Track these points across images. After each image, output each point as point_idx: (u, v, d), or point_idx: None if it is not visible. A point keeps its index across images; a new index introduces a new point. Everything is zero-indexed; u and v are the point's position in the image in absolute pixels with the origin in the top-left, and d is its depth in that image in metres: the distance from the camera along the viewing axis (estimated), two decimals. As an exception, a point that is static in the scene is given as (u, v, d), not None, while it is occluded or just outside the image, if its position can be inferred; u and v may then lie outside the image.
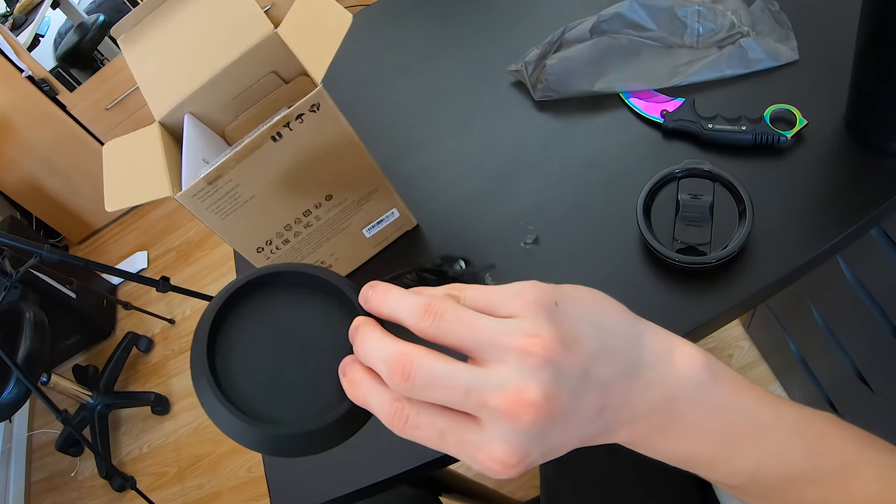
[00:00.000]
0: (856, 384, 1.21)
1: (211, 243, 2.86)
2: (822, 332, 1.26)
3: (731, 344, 1.82)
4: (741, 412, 0.41)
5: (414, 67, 1.03)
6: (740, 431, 0.41)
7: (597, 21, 0.89)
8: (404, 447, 0.65)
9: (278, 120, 0.59)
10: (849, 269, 1.07)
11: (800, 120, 0.74)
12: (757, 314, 1.65)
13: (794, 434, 0.42)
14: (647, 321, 0.43)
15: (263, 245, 0.70)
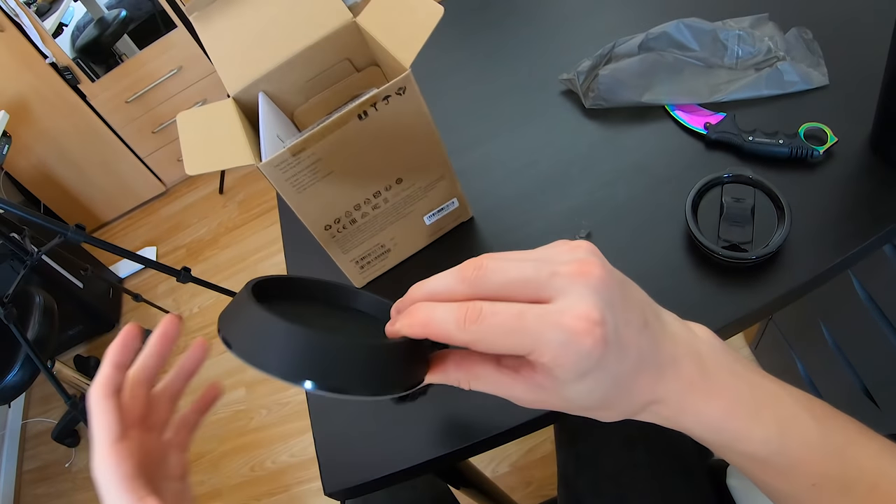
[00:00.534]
0: (863, 401, 1.26)
1: (222, 243, 2.89)
2: (832, 351, 1.31)
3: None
4: (754, 379, 0.44)
5: (473, 69, 1.08)
6: (761, 395, 0.43)
7: (645, 38, 0.94)
8: (441, 433, 0.70)
9: (367, 99, 0.63)
10: (861, 286, 1.12)
11: (830, 137, 0.80)
12: (766, 335, 1.69)
13: (801, 404, 0.44)
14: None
15: (332, 223, 0.74)
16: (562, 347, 0.36)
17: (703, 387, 0.42)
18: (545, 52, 1.06)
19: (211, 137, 0.69)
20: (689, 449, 0.93)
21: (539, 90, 1.00)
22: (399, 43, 0.66)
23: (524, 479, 1.80)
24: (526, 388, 0.41)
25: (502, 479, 1.80)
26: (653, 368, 0.41)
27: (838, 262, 0.73)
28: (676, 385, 0.41)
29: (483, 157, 0.93)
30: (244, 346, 0.39)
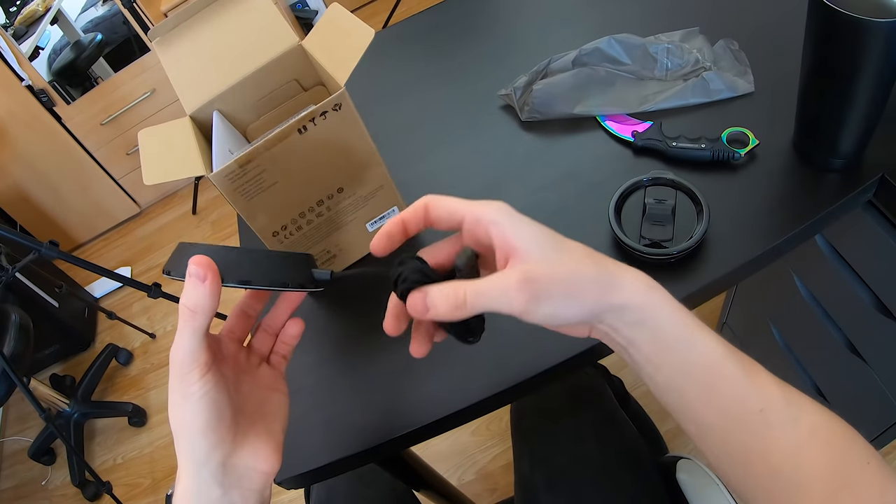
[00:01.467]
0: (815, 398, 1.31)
1: (195, 261, 2.91)
2: (783, 351, 1.36)
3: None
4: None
5: (415, 88, 1.14)
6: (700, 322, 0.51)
7: (578, 54, 1.00)
8: (386, 421, 0.74)
9: (305, 115, 0.69)
10: (803, 285, 1.18)
11: (752, 140, 0.85)
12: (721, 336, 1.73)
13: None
14: None
15: (279, 230, 0.78)
16: (495, 205, 0.53)
17: (650, 283, 0.51)
18: (485, 71, 1.12)
19: (168, 151, 0.73)
20: (640, 446, 0.97)
21: (479, 106, 1.05)
22: (336, 63, 0.72)
23: (489, 486, 1.84)
24: (516, 275, 0.48)
25: (468, 486, 1.83)
26: (587, 253, 0.51)
27: (761, 253, 0.78)
28: (628, 272, 0.50)
29: (427, 168, 0.99)
30: (175, 268, 0.52)
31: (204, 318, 0.50)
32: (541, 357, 0.75)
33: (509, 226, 0.50)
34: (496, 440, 1.89)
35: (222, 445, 0.51)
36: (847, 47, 0.68)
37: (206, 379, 0.50)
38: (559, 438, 0.96)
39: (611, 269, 0.50)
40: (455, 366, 0.77)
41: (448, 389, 0.75)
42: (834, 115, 0.77)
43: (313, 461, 0.74)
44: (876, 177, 0.82)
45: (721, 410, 0.51)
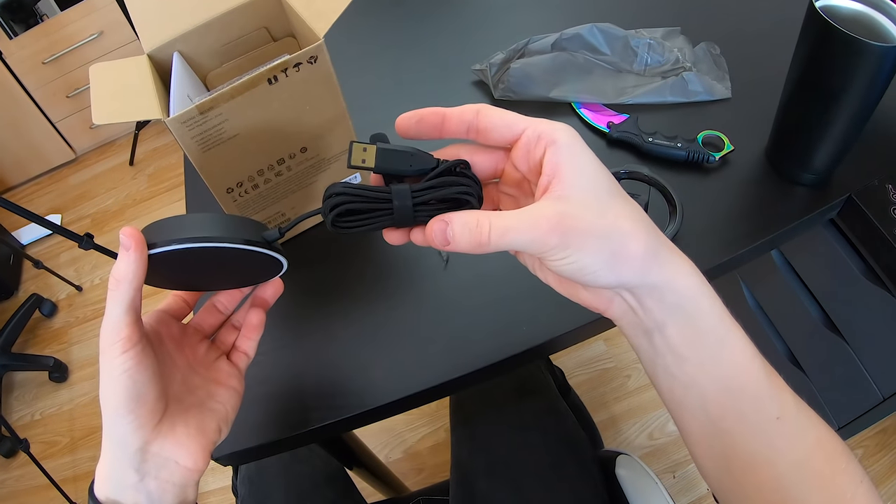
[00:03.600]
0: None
1: (128, 215, 2.82)
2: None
3: (629, 365, 1.93)
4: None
5: (386, 53, 1.09)
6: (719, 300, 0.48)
7: (559, 38, 0.97)
8: (330, 402, 0.70)
9: (277, 64, 0.64)
10: (750, 293, 1.18)
11: (727, 145, 0.84)
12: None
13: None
14: None
15: (234, 186, 0.73)
16: (547, 124, 0.45)
17: (705, 285, 0.47)
18: (459, 43, 1.08)
19: (122, 90, 0.68)
20: (581, 438, 0.97)
21: (451, 79, 1.02)
22: (315, 14, 0.67)
23: (416, 466, 1.83)
24: (547, 209, 0.43)
25: (395, 464, 1.81)
26: (634, 208, 0.45)
27: (725, 260, 0.77)
28: (667, 245, 0.46)
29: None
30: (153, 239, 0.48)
31: (128, 287, 0.47)
32: (497, 347, 0.72)
33: (568, 151, 0.44)
34: (426, 420, 1.88)
35: (142, 430, 0.48)
36: (839, 65, 0.68)
37: (128, 356, 0.47)
38: (500, 425, 0.95)
39: (661, 241, 0.46)
40: (406, 351, 0.74)
41: (397, 375, 0.72)
42: (814, 130, 0.76)
43: (253, 438, 0.70)
44: (843, 196, 0.82)
45: (739, 414, 0.47)
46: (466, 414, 0.99)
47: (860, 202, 0.81)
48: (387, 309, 0.77)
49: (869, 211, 0.81)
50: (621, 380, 1.91)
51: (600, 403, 1.87)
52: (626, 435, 1.82)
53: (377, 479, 1.24)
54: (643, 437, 1.82)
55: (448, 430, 1.83)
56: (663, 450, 1.79)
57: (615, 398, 1.89)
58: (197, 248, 0.48)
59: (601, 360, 1.96)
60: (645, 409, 1.86)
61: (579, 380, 1.91)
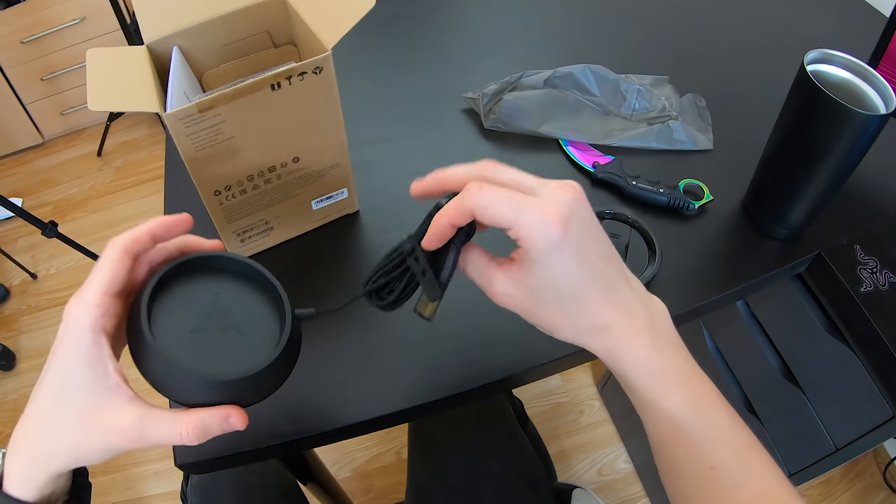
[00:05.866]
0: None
1: (91, 206, 2.77)
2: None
3: (583, 401, 1.95)
4: (689, 359, 0.54)
5: (378, 71, 1.10)
6: (690, 372, 0.53)
7: (552, 75, 0.99)
8: (295, 419, 0.69)
9: (283, 71, 0.64)
10: (711, 339, 1.21)
11: (707, 195, 0.87)
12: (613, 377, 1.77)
13: (721, 398, 0.53)
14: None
15: (222, 189, 0.73)
16: (534, 225, 0.46)
17: (648, 337, 0.51)
18: (453, 68, 1.09)
19: (119, 78, 0.67)
20: (538, 468, 0.97)
21: (441, 103, 1.03)
22: (324, 24, 0.68)
23: (364, 486, 1.82)
24: (505, 279, 0.52)
25: (343, 483, 1.79)
26: (606, 293, 0.50)
27: (696, 306, 0.79)
28: (626, 322, 0.51)
29: (378, 155, 0.95)
30: (155, 382, 0.48)
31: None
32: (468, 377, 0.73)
33: (538, 266, 0.49)
34: (376, 440, 1.87)
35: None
36: (825, 128, 0.71)
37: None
38: (460, 452, 0.95)
39: (593, 324, 0.51)
40: (377, 374, 0.73)
41: (368, 396, 0.71)
42: (793, 187, 0.79)
43: (218, 449, 0.68)
44: (813, 253, 0.85)
45: (674, 460, 0.53)
46: (426, 438, 0.99)
47: (829, 259, 0.84)
48: (359, 330, 0.76)
49: (836, 269, 0.84)
50: (574, 415, 1.93)
51: (552, 436, 1.88)
52: (575, 469, 1.84)
53: (329, 497, 1.23)
54: (592, 473, 1.84)
55: (398, 453, 1.84)
56: (612, 486, 1.81)
57: (567, 432, 1.90)
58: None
59: (556, 393, 1.97)
60: (596, 445, 1.88)
61: (533, 412, 1.92)
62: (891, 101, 0.70)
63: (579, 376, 2.01)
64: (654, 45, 1.13)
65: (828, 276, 0.86)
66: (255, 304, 0.53)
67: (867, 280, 0.83)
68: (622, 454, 1.87)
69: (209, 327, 0.50)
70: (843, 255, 0.85)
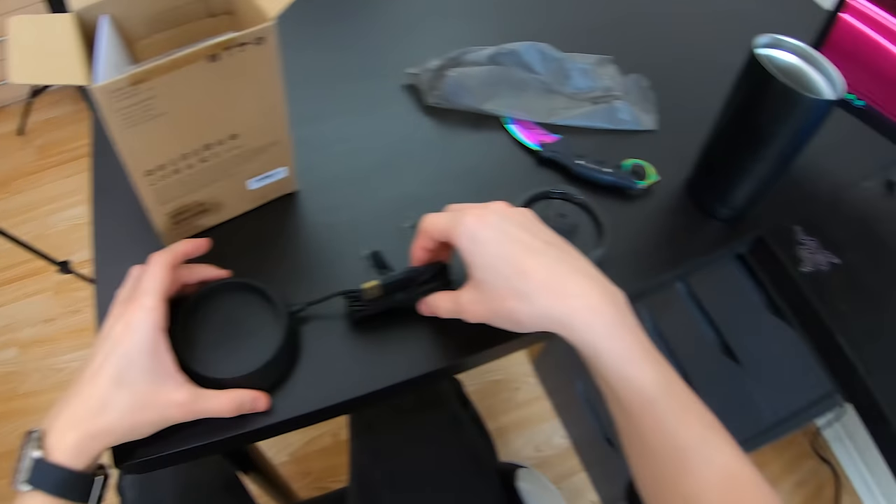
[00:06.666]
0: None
1: (14, 188, 2.63)
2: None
3: (518, 378, 1.97)
4: (647, 339, 0.58)
5: (318, 44, 1.06)
6: (651, 348, 0.57)
7: (496, 52, 0.98)
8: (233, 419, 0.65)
9: (222, 41, 0.60)
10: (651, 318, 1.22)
11: (652, 175, 0.87)
12: (548, 353, 1.80)
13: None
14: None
15: (154, 169, 0.69)
16: (460, 226, 0.59)
17: (611, 314, 0.56)
18: (395, 45, 1.07)
19: (45, 48, 0.63)
20: (481, 449, 0.97)
21: (382, 80, 1.00)
22: None
23: (302, 470, 1.80)
24: (465, 292, 0.62)
25: (281, 468, 1.77)
26: (553, 270, 0.57)
27: (639, 287, 0.79)
28: (585, 299, 0.56)
29: (318, 133, 0.91)
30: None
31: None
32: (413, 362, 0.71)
33: (468, 252, 0.60)
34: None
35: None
36: (773, 112, 0.72)
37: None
38: (403, 435, 0.94)
39: (548, 304, 0.56)
40: (321, 363, 0.71)
41: (313, 386, 0.69)
42: (738, 169, 0.80)
43: (158, 447, 0.64)
44: (755, 233, 0.86)
45: (643, 442, 0.55)
46: (368, 422, 0.98)
47: (770, 240, 0.86)
48: (303, 314, 0.73)
49: (777, 249, 0.85)
50: (509, 392, 1.95)
51: (489, 415, 1.89)
52: (513, 446, 1.86)
53: (269, 484, 1.20)
54: (530, 449, 1.86)
55: (335, 435, 1.82)
56: (549, 462, 1.84)
57: (503, 410, 1.92)
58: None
59: (491, 371, 1.99)
60: (531, 421, 1.90)
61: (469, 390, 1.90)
62: (837, 85, 0.71)
63: (514, 354, 2.00)
64: (600, 26, 1.13)
65: (769, 256, 0.87)
66: (260, 312, 0.68)
67: (808, 260, 0.84)
68: (559, 429, 1.89)
69: (227, 336, 0.66)
70: (784, 236, 0.87)
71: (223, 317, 0.67)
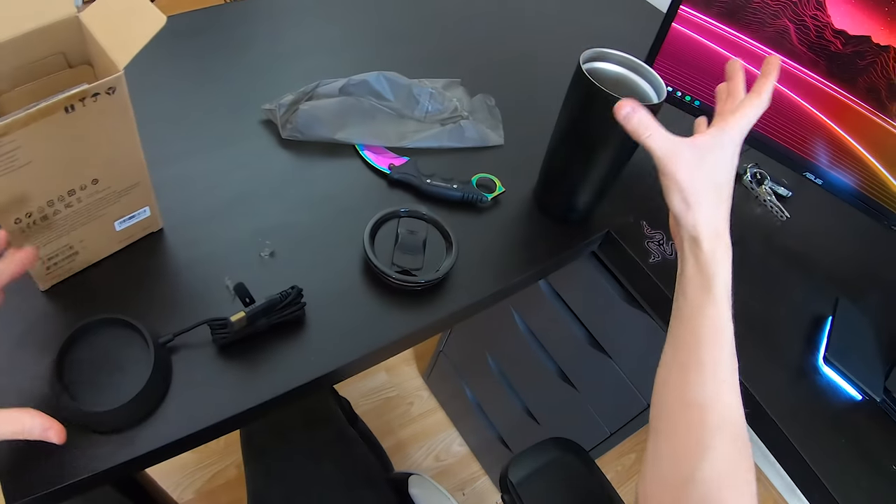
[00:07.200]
0: (525, 420, 1.45)
1: None
2: (497, 378, 1.49)
3: (412, 393, 2.04)
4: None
5: (176, 85, 1.09)
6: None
7: (346, 83, 1.04)
8: (115, 441, 0.68)
9: (76, 93, 0.64)
10: (521, 320, 1.30)
11: (499, 187, 0.95)
12: (437, 366, 1.87)
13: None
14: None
15: (23, 216, 0.71)
16: (744, 123, 0.65)
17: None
18: (251, 83, 1.11)
19: None
20: (371, 462, 1.02)
21: (240, 117, 1.04)
22: (117, 44, 0.68)
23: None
24: (690, 153, 0.63)
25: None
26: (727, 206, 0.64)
27: (497, 290, 0.87)
28: (727, 241, 0.63)
29: (179, 172, 0.94)
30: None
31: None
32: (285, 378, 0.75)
33: (719, 141, 0.64)
34: (215, 458, 1.84)
35: None
36: (601, 120, 0.80)
37: None
38: (293, 456, 0.97)
39: (719, 231, 0.63)
40: (193, 385, 0.73)
41: (186, 409, 0.71)
42: (576, 175, 0.89)
43: (41, 484, 0.64)
44: (602, 232, 0.95)
45: (699, 362, 0.61)
46: (258, 446, 1.01)
47: (618, 236, 0.95)
48: (172, 344, 0.75)
49: (625, 244, 0.94)
50: (405, 407, 2.01)
51: (387, 430, 1.94)
52: (414, 458, 1.91)
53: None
54: (430, 460, 1.92)
55: (239, 466, 1.82)
56: (450, 470, 1.91)
57: (400, 424, 1.97)
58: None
59: (384, 389, 2.04)
60: (429, 433, 1.97)
61: (364, 409, 1.98)
62: (661, 90, 0.80)
63: (405, 370, 2.09)
64: (447, 51, 1.21)
65: (618, 251, 0.97)
66: (131, 344, 0.71)
67: (655, 251, 0.94)
68: (456, 438, 1.97)
69: (101, 369, 0.69)
70: (630, 232, 0.97)
71: (97, 352, 0.70)
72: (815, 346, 0.93)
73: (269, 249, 0.86)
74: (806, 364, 0.91)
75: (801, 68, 0.93)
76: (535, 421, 1.44)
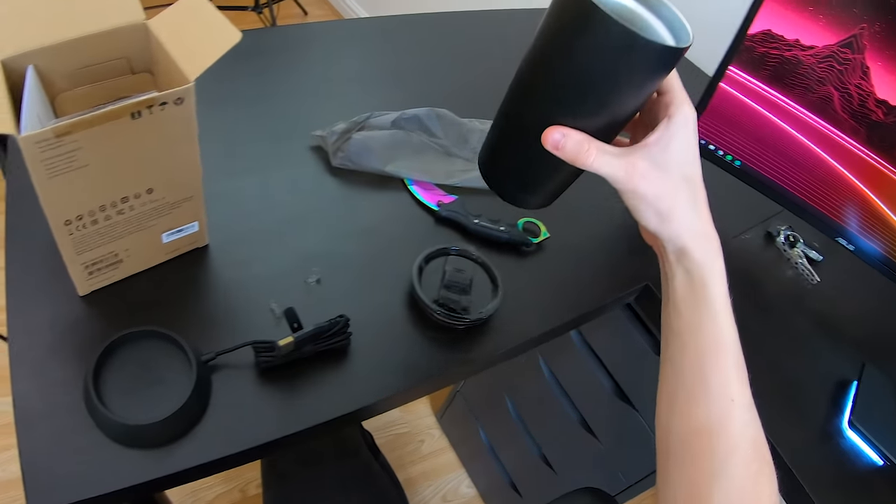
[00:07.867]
0: (540, 467, 1.43)
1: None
2: (514, 421, 1.47)
3: (423, 431, 2.01)
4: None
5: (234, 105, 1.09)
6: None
7: (399, 117, 1.05)
8: (146, 458, 0.67)
9: (144, 100, 0.64)
10: (546, 365, 1.29)
11: (544, 232, 0.95)
12: (452, 406, 1.85)
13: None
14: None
15: (73, 219, 0.71)
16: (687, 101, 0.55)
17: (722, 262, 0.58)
18: (304, 105, 1.11)
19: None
20: (393, 498, 1.01)
21: (291, 140, 1.04)
22: (187, 55, 0.68)
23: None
24: (641, 154, 0.54)
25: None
26: (703, 203, 0.57)
27: (535, 336, 0.86)
28: (714, 242, 0.58)
29: (228, 190, 0.94)
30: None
31: None
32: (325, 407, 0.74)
33: (679, 130, 0.55)
34: (220, 479, 1.82)
35: None
36: (590, 48, 0.69)
37: None
38: (318, 485, 0.96)
39: (699, 231, 0.57)
40: (229, 410, 0.72)
41: (224, 432, 0.70)
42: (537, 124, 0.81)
43: (65, 494, 0.63)
44: (641, 285, 0.94)
45: (705, 382, 0.57)
46: (281, 473, 0.99)
47: (656, 290, 0.95)
48: (213, 362, 0.74)
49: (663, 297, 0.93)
50: (415, 444, 1.99)
51: (397, 466, 1.90)
52: (421, 496, 1.89)
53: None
54: (437, 499, 1.90)
55: (243, 491, 1.80)
56: (456, 512, 1.88)
57: (410, 461, 1.95)
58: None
59: (396, 424, 2.02)
60: (438, 472, 1.95)
61: (386, 440, 1.99)
62: (684, 34, 0.52)
63: (418, 407, 2.07)
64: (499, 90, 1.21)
65: (654, 303, 0.96)
66: (172, 359, 0.71)
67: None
68: (464, 479, 1.94)
69: (140, 382, 0.69)
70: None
71: (136, 364, 0.70)
72: (841, 409, 0.92)
73: (315, 276, 0.85)
74: (830, 427, 0.90)
75: (841, 135, 0.93)
76: (551, 468, 1.41)
